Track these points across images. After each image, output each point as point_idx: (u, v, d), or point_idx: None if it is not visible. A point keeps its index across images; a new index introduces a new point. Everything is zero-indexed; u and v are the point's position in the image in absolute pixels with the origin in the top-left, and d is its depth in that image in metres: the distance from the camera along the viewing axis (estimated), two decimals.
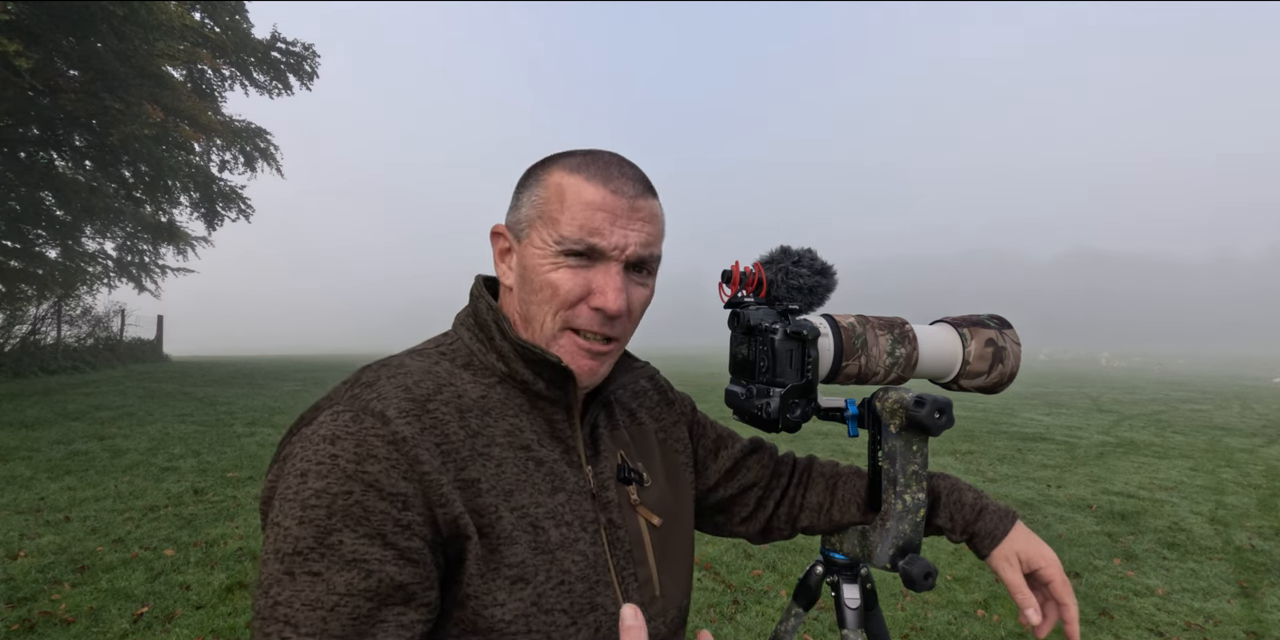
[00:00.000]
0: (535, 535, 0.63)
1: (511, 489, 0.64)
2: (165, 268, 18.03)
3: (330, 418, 0.60)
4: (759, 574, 3.58)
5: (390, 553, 0.55)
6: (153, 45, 11.25)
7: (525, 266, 0.69)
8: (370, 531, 0.55)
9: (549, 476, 0.67)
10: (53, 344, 13.47)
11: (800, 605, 1.03)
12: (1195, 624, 3.11)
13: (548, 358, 0.67)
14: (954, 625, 3.03)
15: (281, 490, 0.57)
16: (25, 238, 14.22)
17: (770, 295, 0.88)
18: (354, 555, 0.54)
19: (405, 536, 0.56)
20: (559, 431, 0.71)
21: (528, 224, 0.69)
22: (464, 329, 0.74)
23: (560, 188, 0.67)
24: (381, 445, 0.58)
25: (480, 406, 0.66)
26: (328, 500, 0.55)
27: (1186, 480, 6.15)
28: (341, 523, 0.54)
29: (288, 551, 0.54)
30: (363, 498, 0.55)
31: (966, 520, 0.88)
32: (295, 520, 0.55)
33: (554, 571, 0.64)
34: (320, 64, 16.29)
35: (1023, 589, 0.83)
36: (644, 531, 0.75)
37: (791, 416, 0.84)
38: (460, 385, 0.67)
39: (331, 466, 0.56)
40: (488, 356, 0.71)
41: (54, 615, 2.88)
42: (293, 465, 0.58)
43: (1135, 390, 17.24)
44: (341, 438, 0.58)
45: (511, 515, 0.63)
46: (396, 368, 0.67)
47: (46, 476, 5.13)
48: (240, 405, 9.33)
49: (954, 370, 0.94)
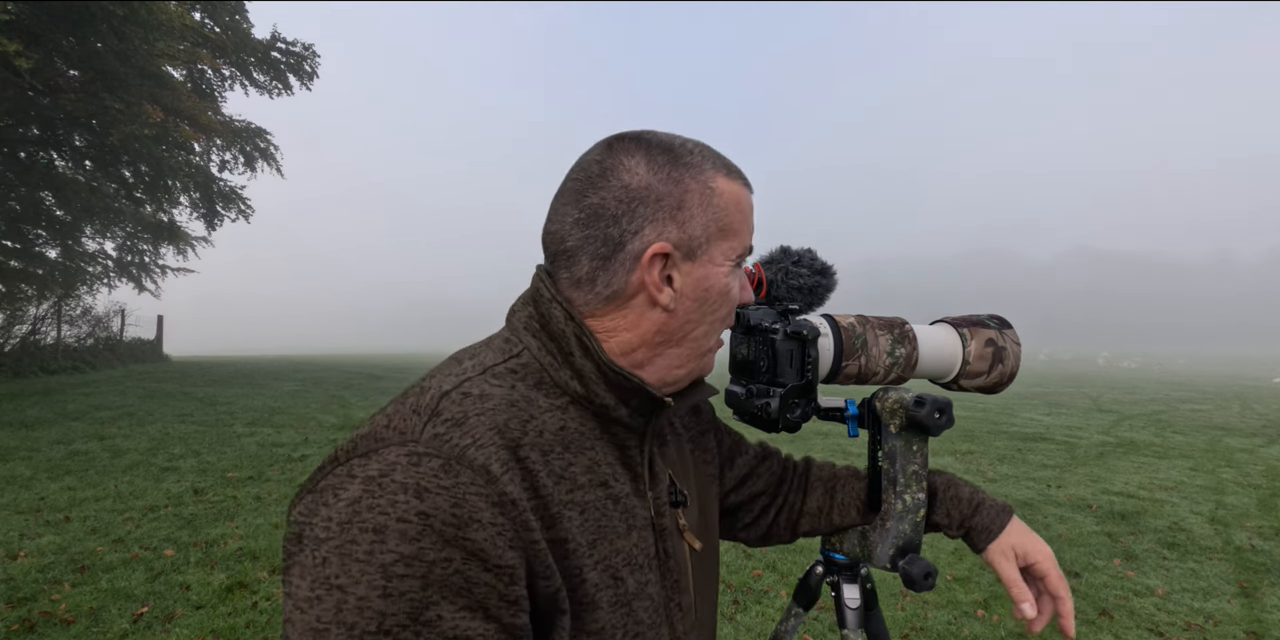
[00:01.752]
0: (616, 589, 0.58)
1: (595, 539, 0.58)
2: (165, 268, 18.04)
3: (409, 461, 0.50)
4: (759, 574, 3.58)
5: (493, 627, 0.48)
6: (153, 45, 11.24)
7: (708, 288, 0.63)
8: (471, 604, 0.48)
9: (624, 514, 0.61)
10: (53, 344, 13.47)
11: (800, 605, 1.03)
12: (1195, 624, 3.11)
13: (647, 389, 0.61)
14: (954, 625, 3.03)
15: (341, 543, 0.47)
16: (25, 238, 14.22)
17: (770, 295, 0.88)
18: (455, 632, 0.47)
19: (511, 612, 0.49)
20: (629, 460, 0.65)
21: (705, 239, 0.63)
22: (529, 337, 0.64)
23: (734, 196, 0.64)
24: (486, 508, 0.49)
25: (560, 441, 0.59)
26: (422, 569, 0.46)
27: (1186, 480, 6.15)
28: (439, 595, 0.47)
29: (369, 630, 0.45)
30: (464, 567, 0.48)
31: (963, 515, 0.88)
32: (378, 592, 0.46)
33: (630, 625, 0.58)
34: (320, 64, 16.30)
35: (1018, 583, 0.83)
36: (688, 558, 0.71)
37: (791, 417, 0.84)
38: (539, 416, 0.59)
39: (423, 528, 0.47)
40: (560, 373, 0.62)
41: (54, 615, 2.88)
42: (354, 513, 0.48)
43: (1135, 390, 17.24)
44: (432, 492, 0.48)
45: (594, 573, 0.57)
46: (480, 399, 0.56)
47: (46, 476, 5.13)
48: (240, 405, 9.33)
49: (954, 370, 0.94)
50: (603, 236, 0.61)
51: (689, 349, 0.65)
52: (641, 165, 0.62)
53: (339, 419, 8.44)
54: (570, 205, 0.62)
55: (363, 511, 0.48)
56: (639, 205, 0.61)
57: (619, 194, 0.61)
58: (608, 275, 0.62)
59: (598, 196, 0.61)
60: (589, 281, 0.63)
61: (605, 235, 0.61)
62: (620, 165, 0.62)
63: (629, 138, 0.64)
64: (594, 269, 0.62)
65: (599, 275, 0.62)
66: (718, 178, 0.63)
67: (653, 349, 0.64)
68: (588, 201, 0.62)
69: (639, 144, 0.63)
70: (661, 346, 0.64)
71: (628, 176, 0.61)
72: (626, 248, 0.61)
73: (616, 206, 0.61)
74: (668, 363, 0.65)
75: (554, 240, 0.64)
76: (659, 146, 0.63)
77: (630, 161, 0.62)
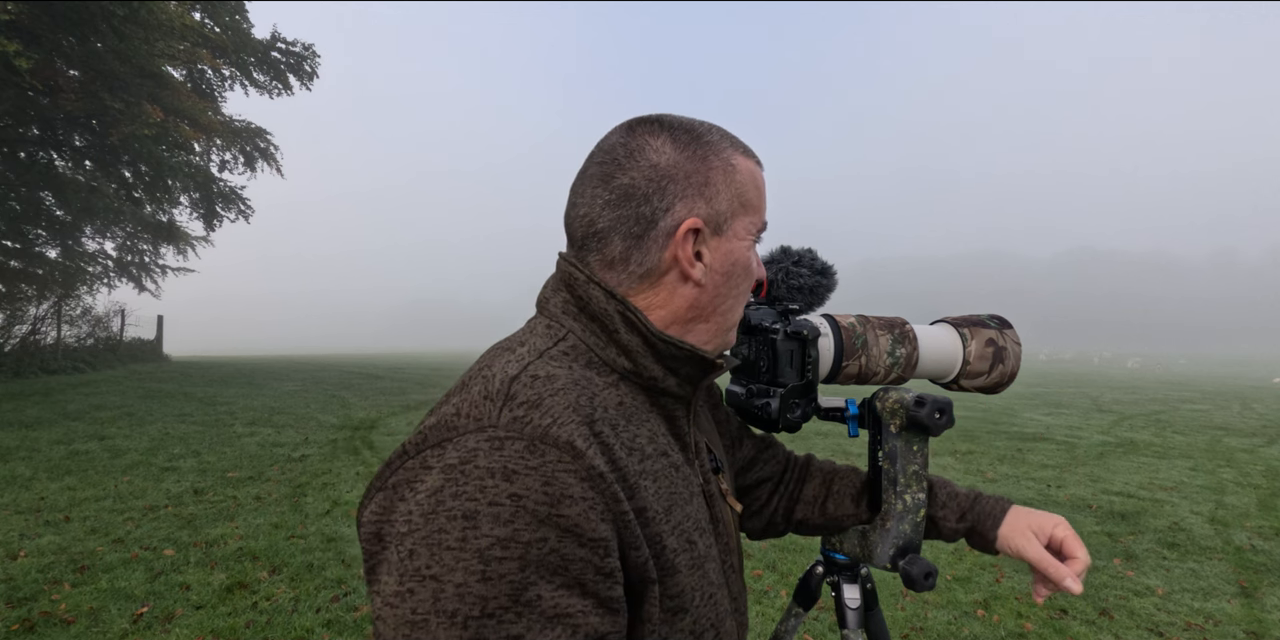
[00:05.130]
0: (691, 552, 0.59)
1: (669, 506, 0.58)
2: (165, 268, 18.04)
3: (491, 445, 0.50)
4: (759, 574, 3.58)
5: (591, 602, 0.49)
6: (153, 45, 11.24)
7: (734, 261, 0.65)
8: (569, 581, 0.48)
9: (684, 482, 0.63)
10: (53, 344, 13.46)
11: (800, 605, 1.03)
12: (1195, 624, 3.11)
13: (699, 353, 0.63)
14: (954, 625, 3.03)
15: (429, 534, 0.47)
16: (25, 238, 14.22)
17: (770, 295, 0.88)
18: (555, 610, 0.47)
19: (607, 585, 0.50)
20: (678, 429, 0.67)
21: (730, 214, 0.64)
22: (570, 320, 0.64)
23: (750, 173, 0.67)
24: (576, 483, 0.50)
25: (623, 415, 0.59)
26: (519, 551, 0.47)
27: (1186, 480, 6.15)
28: (537, 574, 0.47)
29: (472, 614, 0.45)
30: (559, 545, 0.48)
31: (963, 507, 0.88)
32: (476, 577, 0.46)
33: (704, 586, 0.60)
34: (320, 64, 16.31)
35: (1052, 561, 0.81)
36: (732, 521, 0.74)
37: (792, 416, 0.84)
38: (599, 393, 0.59)
39: (515, 509, 0.47)
40: (607, 351, 0.63)
41: (54, 615, 2.88)
42: (439, 502, 0.48)
43: (1135, 390, 17.24)
44: (520, 473, 0.48)
45: (673, 539, 0.57)
46: (549, 380, 0.56)
47: (46, 476, 5.13)
48: (240, 405, 9.33)
49: (954, 370, 0.94)
50: (635, 216, 0.62)
51: (716, 324, 0.67)
52: (667, 145, 0.63)
53: (339, 419, 8.45)
54: (599, 187, 0.63)
55: (447, 500, 0.47)
56: (669, 183, 0.62)
57: (648, 173, 0.62)
58: (641, 254, 0.63)
59: (627, 177, 0.62)
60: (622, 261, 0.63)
61: (638, 214, 0.62)
62: (647, 146, 0.63)
63: (649, 120, 0.65)
64: (627, 248, 0.63)
65: (632, 254, 0.63)
66: (736, 155, 0.65)
67: (684, 325, 0.65)
68: (617, 182, 0.62)
69: (661, 125, 0.64)
70: (692, 322, 0.65)
71: (655, 156, 0.62)
72: (659, 225, 0.62)
73: (647, 185, 0.62)
74: (697, 338, 0.66)
75: (583, 223, 0.64)
76: (680, 127, 0.64)
77: (656, 142, 0.63)
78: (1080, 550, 0.81)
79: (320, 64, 16.28)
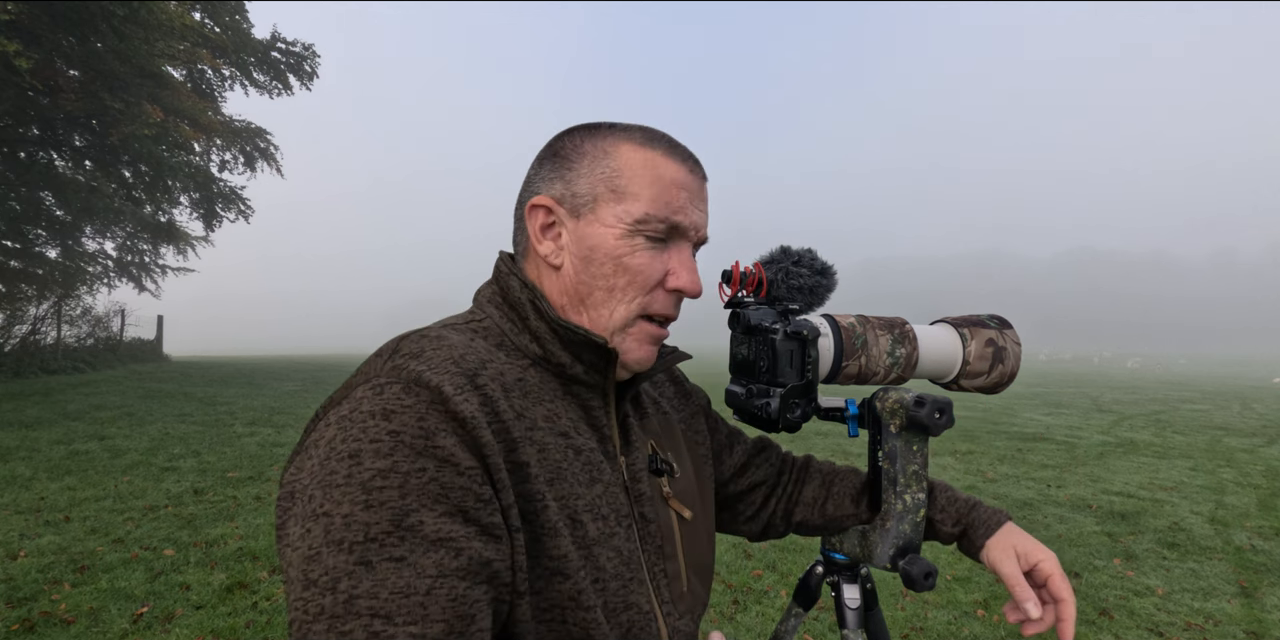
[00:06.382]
0: (574, 529, 0.60)
1: (554, 477, 0.60)
2: (165, 268, 18.03)
3: (373, 392, 0.53)
4: (759, 574, 3.58)
5: (473, 528, 0.51)
6: (153, 45, 11.24)
7: (591, 246, 0.64)
8: (451, 508, 0.50)
9: (587, 466, 0.63)
10: (53, 344, 13.45)
11: (800, 605, 1.03)
12: (1195, 624, 3.11)
13: (592, 338, 0.63)
14: (954, 625, 3.03)
15: (323, 477, 0.50)
16: (25, 238, 14.21)
17: (770, 295, 0.88)
18: (438, 534, 0.49)
19: (487, 511, 0.52)
20: (594, 419, 0.67)
21: (592, 198, 0.64)
22: (491, 307, 0.68)
23: (634, 161, 0.64)
24: (445, 419, 0.52)
25: (519, 388, 0.62)
26: (398, 480, 0.49)
27: (1186, 480, 6.15)
28: (418, 502, 0.49)
29: (356, 540, 0.47)
30: (438, 474, 0.50)
31: (960, 512, 0.88)
32: (360, 505, 0.48)
33: (590, 568, 0.60)
34: (320, 64, 16.30)
35: (1021, 580, 0.79)
36: (675, 525, 0.72)
37: (791, 416, 0.84)
38: (497, 364, 0.62)
39: (394, 444, 0.50)
40: (520, 337, 0.66)
41: (54, 615, 2.88)
42: (331, 448, 0.51)
43: (1135, 390, 17.24)
44: (397, 412, 0.51)
45: (555, 504, 0.59)
46: (437, 339, 0.60)
47: (46, 476, 5.13)
48: (240, 405, 9.33)
49: (954, 370, 0.94)
50: (519, 201, 0.69)
51: (590, 319, 0.66)
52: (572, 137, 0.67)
53: None
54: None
55: (338, 444, 0.51)
56: (545, 167, 0.67)
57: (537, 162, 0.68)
58: (518, 234, 0.69)
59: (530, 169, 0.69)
60: (514, 245, 0.70)
61: (520, 199, 0.69)
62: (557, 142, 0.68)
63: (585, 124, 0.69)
64: (515, 231, 0.70)
65: (516, 236, 0.70)
66: (626, 144, 0.65)
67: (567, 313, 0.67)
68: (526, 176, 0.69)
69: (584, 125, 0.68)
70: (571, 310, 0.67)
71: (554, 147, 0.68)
72: (524, 205, 0.67)
73: (532, 172, 0.69)
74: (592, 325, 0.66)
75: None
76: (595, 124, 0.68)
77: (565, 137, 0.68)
78: (1067, 592, 0.78)
79: (320, 64, 16.28)
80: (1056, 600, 0.78)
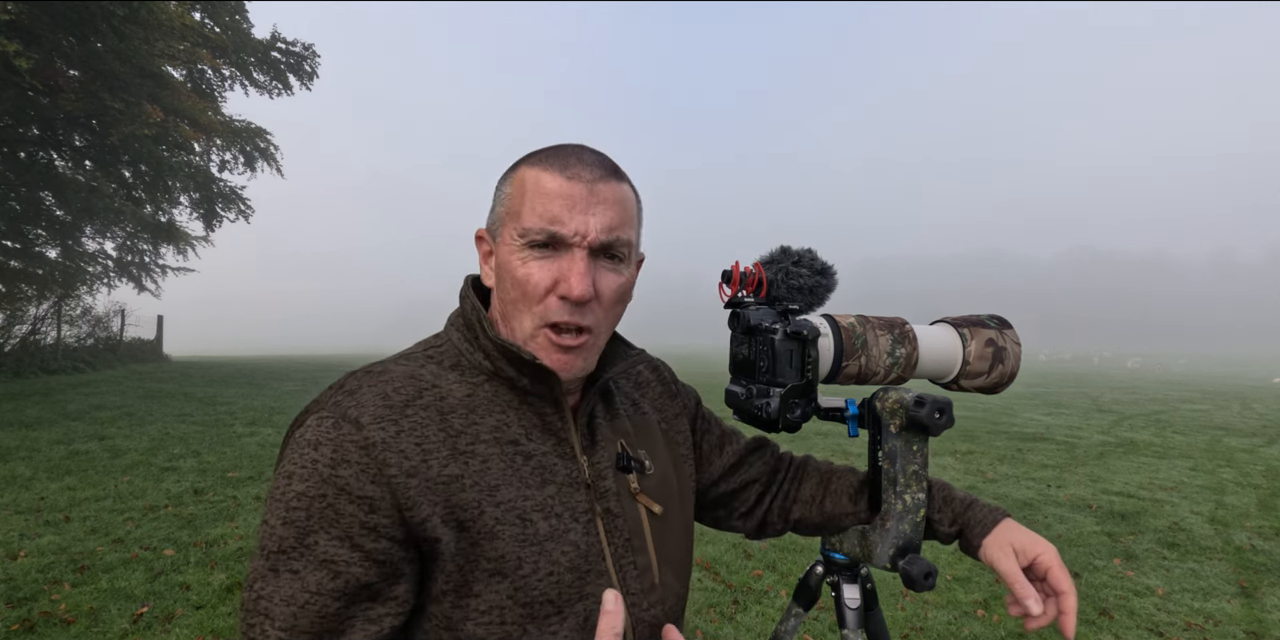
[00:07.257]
0: (523, 528, 0.64)
1: (497, 484, 0.65)
2: (165, 268, 18.02)
3: (315, 422, 0.63)
4: (759, 574, 3.58)
5: (357, 555, 0.59)
6: (153, 45, 11.24)
7: (499, 265, 0.70)
8: (340, 534, 0.59)
9: (538, 470, 0.68)
10: (53, 344, 13.45)
11: (800, 605, 1.03)
12: (1195, 624, 3.11)
13: (523, 355, 0.67)
14: (954, 625, 3.03)
15: (271, 490, 0.62)
16: (25, 238, 14.21)
17: (770, 295, 0.88)
18: (325, 556, 0.58)
19: (371, 538, 0.60)
20: (550, 425, 0.71)
21: (500, 223, 0.70)
22: (454, 329, 0.75)
23: (522, 182, 0.68)
24: (355, 450, 0.60)
25: (466, 405, 0.68)
26: (307, 502, 0.59)
27: (1186, 480, 6.16)
28: (318, 524, 0.59)
29: (273, 549, 0.59)
30: (335, 501, 0.59)
31: (956, 512, 0.88)
32: (280, 520, 0.59)
33: (542, 563, 0.65)
34: (320, 64, 16.30)
35: (1020, 577, 0.79)
36: (644, 520, 0.75)
37: (791, 416, 0.84)
38: (445, 386, 0.69)
39: (312, 471, 0.60)
40: (475, 355, 0.72)
41: (54, 615, 2.88)
42: (283, 467, 0.62)
43: (1135, 390, 17.24)
44: (322, 443, 0.61)
45: (496, 510, 0.64)
46: (379, 374, 0.68)
47: (46, 476, 5.13)
48: (240, 405, 9.33)
49: (954, 370, 0.94)
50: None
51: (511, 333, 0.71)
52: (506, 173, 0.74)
53: None
54: None
55: (284, 464, 0.62)
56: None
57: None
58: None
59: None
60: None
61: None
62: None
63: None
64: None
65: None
66: (523, 168, 0.70)
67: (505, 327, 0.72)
68: None
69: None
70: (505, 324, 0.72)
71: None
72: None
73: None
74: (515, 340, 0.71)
75: None
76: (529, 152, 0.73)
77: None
78: (1067, 583, 0.78)
79: (320, 64, 16.27)
80: (1057, 593, 0.79)
